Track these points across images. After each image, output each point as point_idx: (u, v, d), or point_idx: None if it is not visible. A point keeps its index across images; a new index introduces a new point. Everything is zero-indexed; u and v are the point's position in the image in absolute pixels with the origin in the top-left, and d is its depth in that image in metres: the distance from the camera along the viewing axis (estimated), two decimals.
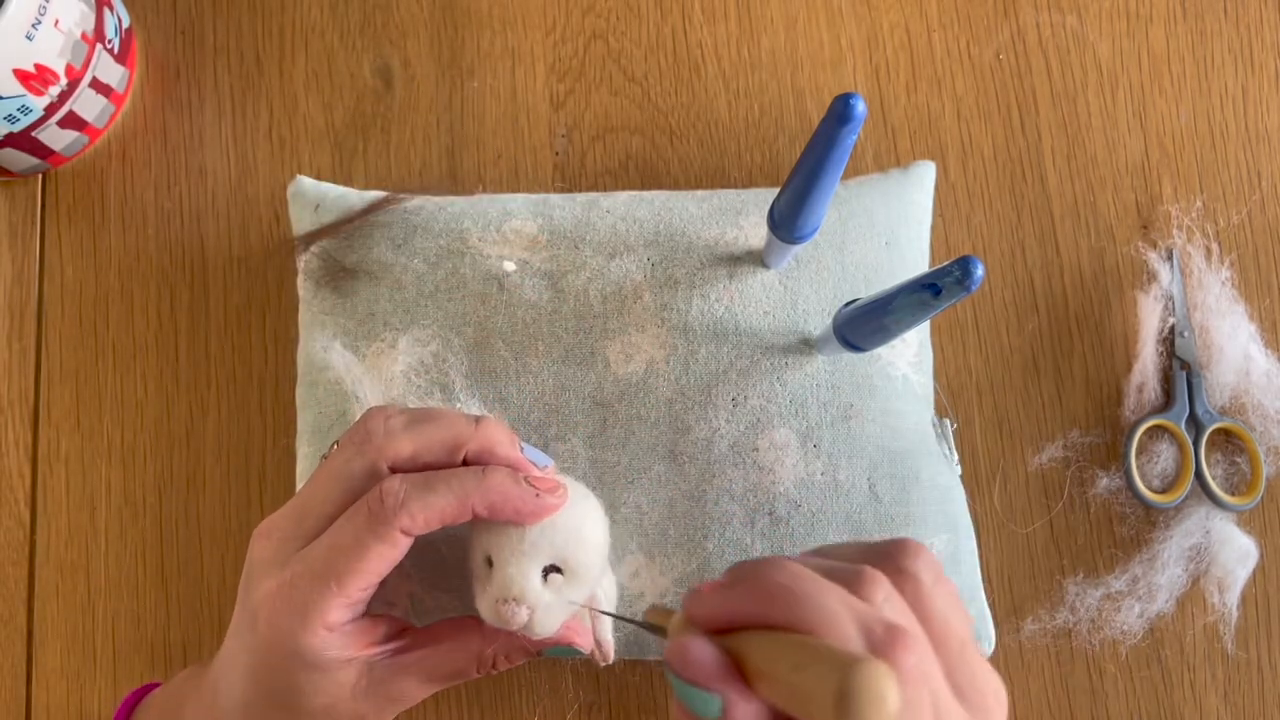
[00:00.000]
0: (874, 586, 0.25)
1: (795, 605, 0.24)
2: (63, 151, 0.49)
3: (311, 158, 0.50)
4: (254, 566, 0.34)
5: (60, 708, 0.45)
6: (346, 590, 0.31)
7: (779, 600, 0.24)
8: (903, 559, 0.26)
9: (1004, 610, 0.46)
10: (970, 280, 0.29)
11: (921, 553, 0.26)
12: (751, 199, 0.44)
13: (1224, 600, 0.45)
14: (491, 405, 0.41)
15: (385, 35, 0.51)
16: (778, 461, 0.40)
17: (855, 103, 0.28)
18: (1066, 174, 0.50)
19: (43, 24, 0.43)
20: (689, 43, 0.51)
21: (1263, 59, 0.51)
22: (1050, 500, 0.47)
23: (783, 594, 0.24)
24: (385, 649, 0.34)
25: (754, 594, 0.25)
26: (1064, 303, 0.48)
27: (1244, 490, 0.47)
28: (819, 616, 0.23)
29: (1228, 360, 0.47)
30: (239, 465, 0.47)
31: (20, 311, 0.49)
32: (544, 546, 0.33)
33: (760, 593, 0.25)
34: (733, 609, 0.25)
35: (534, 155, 0.50)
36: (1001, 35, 0.51)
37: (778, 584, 0.24)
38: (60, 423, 0.48)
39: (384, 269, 0.43)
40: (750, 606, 0.25)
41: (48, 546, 0.47)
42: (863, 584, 0.25)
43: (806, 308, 0.42)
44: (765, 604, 0.24)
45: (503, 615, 0.33)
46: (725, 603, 0.25)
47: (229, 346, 0.48)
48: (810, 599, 0.24)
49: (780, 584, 0.24)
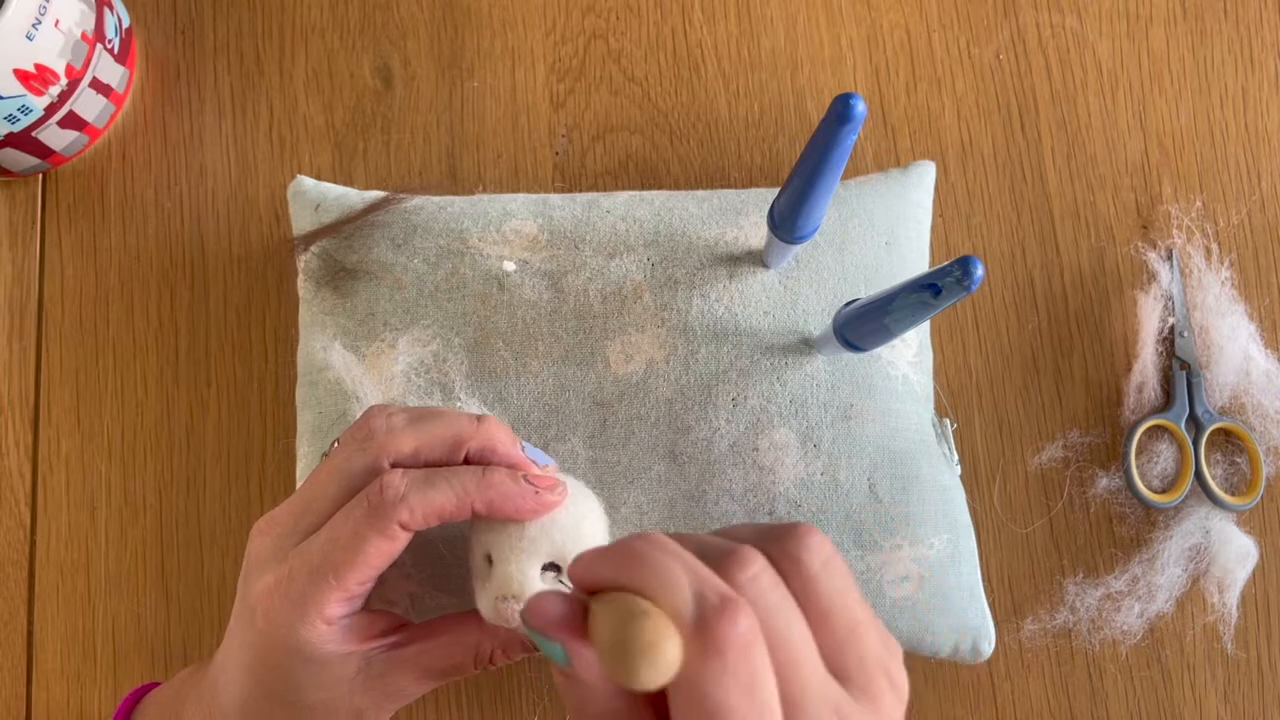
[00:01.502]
0: (741, 564, 0.25)
1: (639, 569, 0.25)
2: (63, 151, 0.49)
3: (311, 158, 0.50)
4: (252, 562, 0.34)
5: (60, 708, 0.45)
6: (345, 584, 0.31)
7: (627, 564, 0.25)
8: (789, 542, 0.26)
9: (1004, 610, 0.46)
10: (970, 280, 0.29)
11: (809, 536, 0.27)
12: (751, 199, 0.44)
13: (1224, 600, 0.45)
14: (491, 405, 0.41)
15: (385, 35, 0.51)
16: (778, 461, 0.40)
17: (855, 103, 0.28)
18: (1066, 174, 0.50)
19: (43, 24, 0.43)
20: (689, 43, 0.51)
21: (1263, 59, 0.51)
22: (1050, 500, 0.47)
23: (634, 559, 0.25)
24: (383, 643, 0.34)
25: (614, 559, 0.26)
26: (1064, 303, 0.48)
27: (1244, 490, 0.47)
28: (656, 581, 0.24)
29: (1228, 360, 0.47)
30: (239, 465, 0.47)
31: (20, 311, 0.49)
32: (543, 544, 0.33)
33: (619, 557, 0.26)
34: (597, 571, 0.26)
35: (534, 155, 0.50)
36: (1001, 35, 0.51)
37: (635, 551, 0.25)
38: (60, 423, 0.48)
39: (384, 269, 0.43)
40: (609, 570, 0.26)
41: (48, 546, 0.47)
42: (730, 561, 0.25)
43: (806, 308, 0.42)
44: (617, 567, 0.25)
45: (502, 613, 0.33)
46: (592, 565, 0.26)
47: (229, 346, 0.48)
48: (654, 565, 0.25)
49: (636, 551, 0.25)
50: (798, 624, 0.25)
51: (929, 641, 0.41)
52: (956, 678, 0.45)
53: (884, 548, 0.40)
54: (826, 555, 0.26)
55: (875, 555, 0.40)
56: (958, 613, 0.41)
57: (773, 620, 0.25)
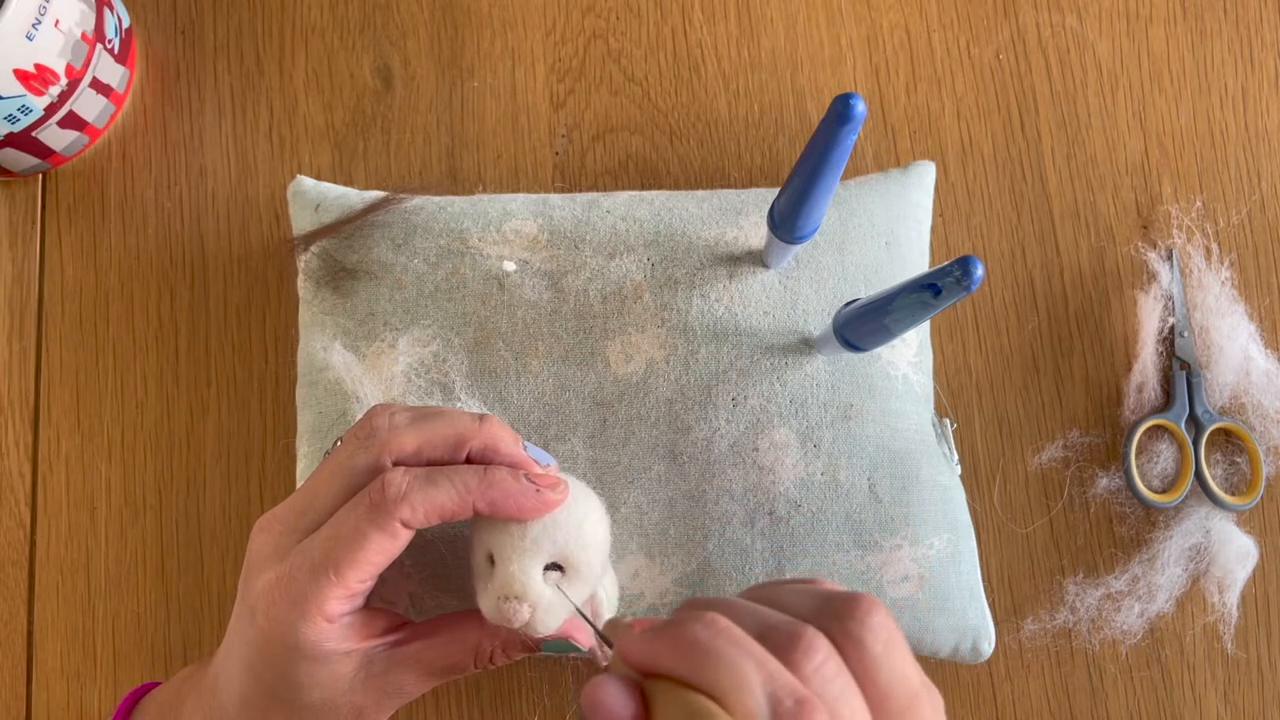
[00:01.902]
0: (807, 654, 0.25)
1: (707, 666, 0.24)
2: (63, 151, 0.49)
3: (311, 158, 0.50)
4: (253, 560, 0.34)
5: (60, 708, 0.45)
6: (345, 581, 0.31)
7: (694, 657, 0.24)
8: (851, 622, 0.26)
9: (1004, 610, 0.46)
10: (970, 280, 0.29)
11: (873, 614, 0.26)
12: (751, 199, 0.44)
13: (1224, 600, 0.45)
14: (492, 405, 0.41)
15: (385, 35, 0.51)
16: (778, 461, 0.40)
17: (855, 103, 0.28)
18: (1066, 174, 0.50)
19: (43, 24, 0.43)
20: (689, 43, 0.51)
21: (1263, 59, 0.51)
22: (1050, 500, 0.47)
23: (699, 652, 0.24)
24: (383, 641, 0.34)
25: (675, 645, 0.25)
26: (1064, 303, 0.48)
27: (1244, 490, 0.47)
28: (728, 682, 0.24)
29: (1227, 360, 0.47)
30: (239, 465, 0.47)
31: (20, 311, 0.49)
32: (545, 544, 0.33)
33: (680, 645, 0.25)
34: (654, 656, 0.25)
35: (534, 155, 0.50)
36: (1001, 35, 0.51)
37: (697, 640, 0.24)
38: (60, 423, 0.48)
39: (384, 269, 0.43)
40: (669, 657, 0.25)
41: (48, 546, 0.47)
42: (795, 649, 0.25)
43: (806, 308, 0.42)
44: (681, 658, 0.24)
45: (504, 613, 0.33)
46: (648, 648, 0.25)
47: (229, 346, 0.48)
48: (723, 663, 0.24)
49: (699, 641, 0.24)
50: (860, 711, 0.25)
51: (929, 641, 0.41)
52: (956, 678, 0.45)
53: (884, 548, 0.40)
54: (888, 635, 0.26)
55: (875, 555, 0.40)
56: (958, 613, 0.41)
57: (838, 710, 0.24)
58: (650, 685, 0.25)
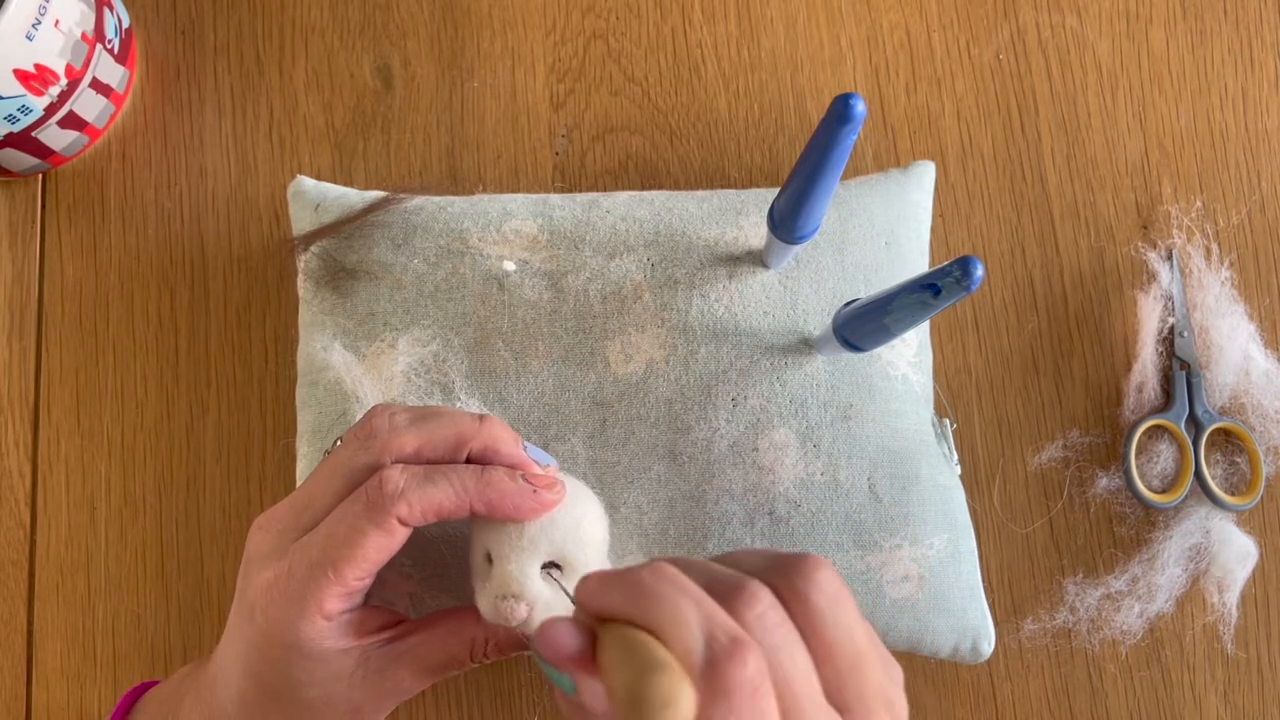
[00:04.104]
0: (748, 601, 0.25)
1: (650, 605, 0.25)
2: (63, 151, 0.49)
3: (311, 158, 0.50)
4: (252, 558, 0.34)
5: (60, 708, 0.45)
6: (344, 578, 0.32)
7: (638, 598, 0.25)
8: (796, 576, 0.27)
9: (1004, 610, 0.46)
10: (970, 280, 0.29)
11: (817, 571, 0.27)
12: (751, 199, 0.44)
13: (1224, 600, 0.45)
14: (491, 405, 0.41)
15: (385, 35, 0.51)
16: (778, 461, 0.40)
17: (855, 103, 0.28)
18: (1066, 174, 0.50)
19: (43, 24, 0.43)
20: (689, 43, 0.51)
21: (1263, 59, 0.51)
22: (1050, 500, 0.47)
23: (643, 593, 0.25)
24: (381, 638, 0.34)
25: (624, 589, 0.26)
26: (1064, 303, 0.48)
27: (1244, 490, 0.47)
28: (667, 619, 0.25)
29: (1227, 360, 0.47)
30: (239, 465, 0.47)
31: (20, 311, 0.49)
32: (543, 543, 0.33)
33: (629, 589, 0.26)
34: (606, 600, 0.26)
35: (534, 155, 0.50)
36: (1001, 35, 0.51)
37: (645, 583, 0.25)
38: (60, 423, 0.48)
39: (384, 269, 0.43)
40: (618, 600, 0.26)
41: (48, 546, 0.47)
42: (739, 596, 0.26)
43: (806, 308, 0.42)
44: (628, 600, 0.26)
45: (502, 612, 0.33)
46: (601, 593, 0.26)
47: (229, 346, 0.48)
48: (665, 602, 0.25)
49: (646, 583, 0.25)
50: (802, 660, 0.25)
51: (929, 641, 0.41)
52: (956, 678, 0.45)
53: (884, 548, 0.40)
54: (833, 590, 0.27)
55: (875, 555, 0.40)
56: (958, 613, 0.41)
57: (778, 657, 0.25)
58: (600, 627, 0.26)
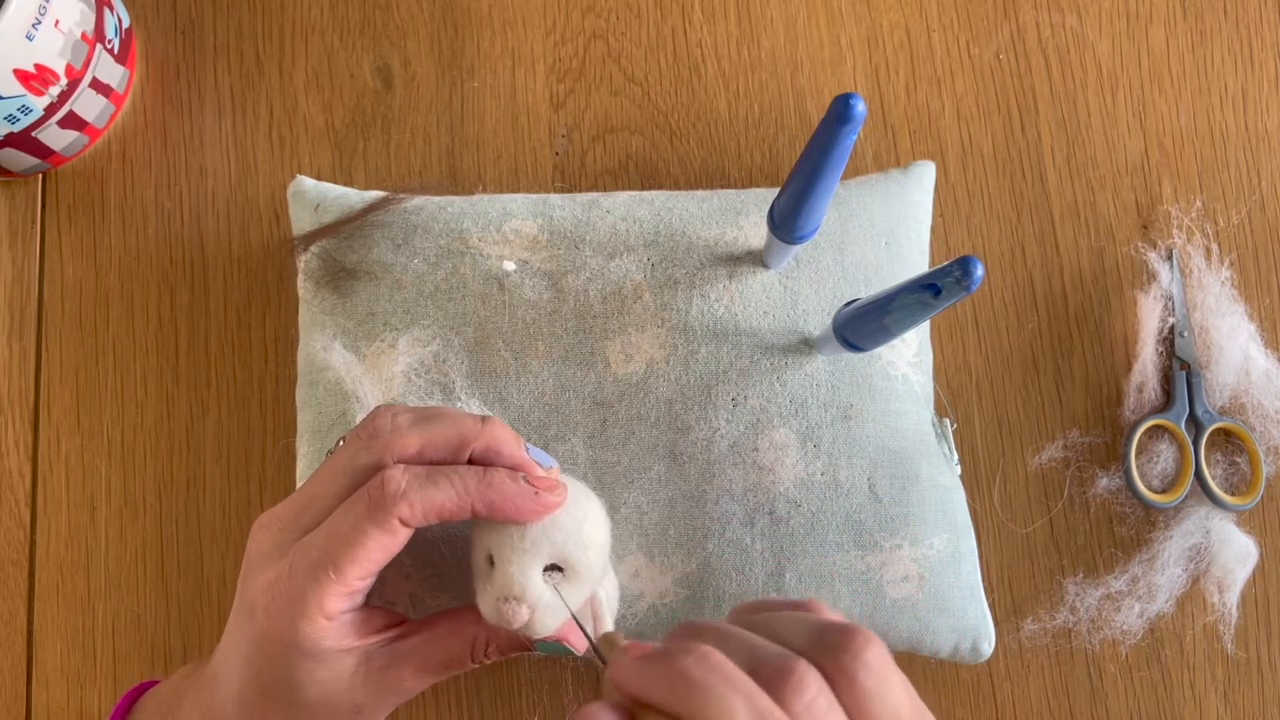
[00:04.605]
0: (798, 690, 0.25)
1: (698, 701, 0.24)
2: (63, 151, 0.49)
3: (311, 158, 0.50)
4: (253, 557, 0.34)
5: (60, 708, 0.45)
6: (345, 578, 0.31)
7: (684, 691, 0.24)
8: (845, 657, 0.26)
9: (1004, 610, 0.46)
10: (970, 280, 0.29)
11: (868, 650, 0.26)
12: (751, 199, 0.44)
13: (1224, 600, 0.45)
14: (492, 405, 0.41)
15: (385, 35, 0.51)
16: (778, 461, 0.40)
17: (855, 103, 0.28)
18: (1066, 174, 0.50)
19: (43, 24, 0.43)
20: (689, 43, 0.51)
21: (1263, 59, 0.51)
22: (1050, 500, 0.47)
23: (689, 686, 0.24)
24: (382, 638, 0.34)
25: (666, 677, 0.25)
26: (1064, 303, 0.48)
27: (1244, 490, 0.47)
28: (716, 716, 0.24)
29: (1227, 360, 0.47)
30: (239, 465, 0.47)
31: (20, 311, 0.49)
32: (545, 546, 0.33)
33: (672, 678, 0.25)
34: (646, 686, 0.25)
35: (534, 155, 0.50)
36: (1001, 35, 0.51)
37: (689, 674, 0.24)
38: (60, 423, 0.48)
39: (384, 269, 0.43)
40: (660, 689, 0.25)
41: (48, 546, 0.47)
42: (787, 685, 0.25)
43: (806, 308, 0.42)
44: (672, 691, 0.25)
45: (503, 613, 0.33)
46: (640, 677, 0.25)
47: (229, 346, 0.48)
48: (713, 698, 0.24)
49: (690, 675, 0.24)
50: None
51: (929, 641, 0.41)
52: (956, 678, 0.45)
53: (884, 548, 0.40)
54: (881, 670, 0.26)
55: (875, 555, 0.40)
56: (958, 613, 0.41)
57: None
58: (641, 715, 0.25)
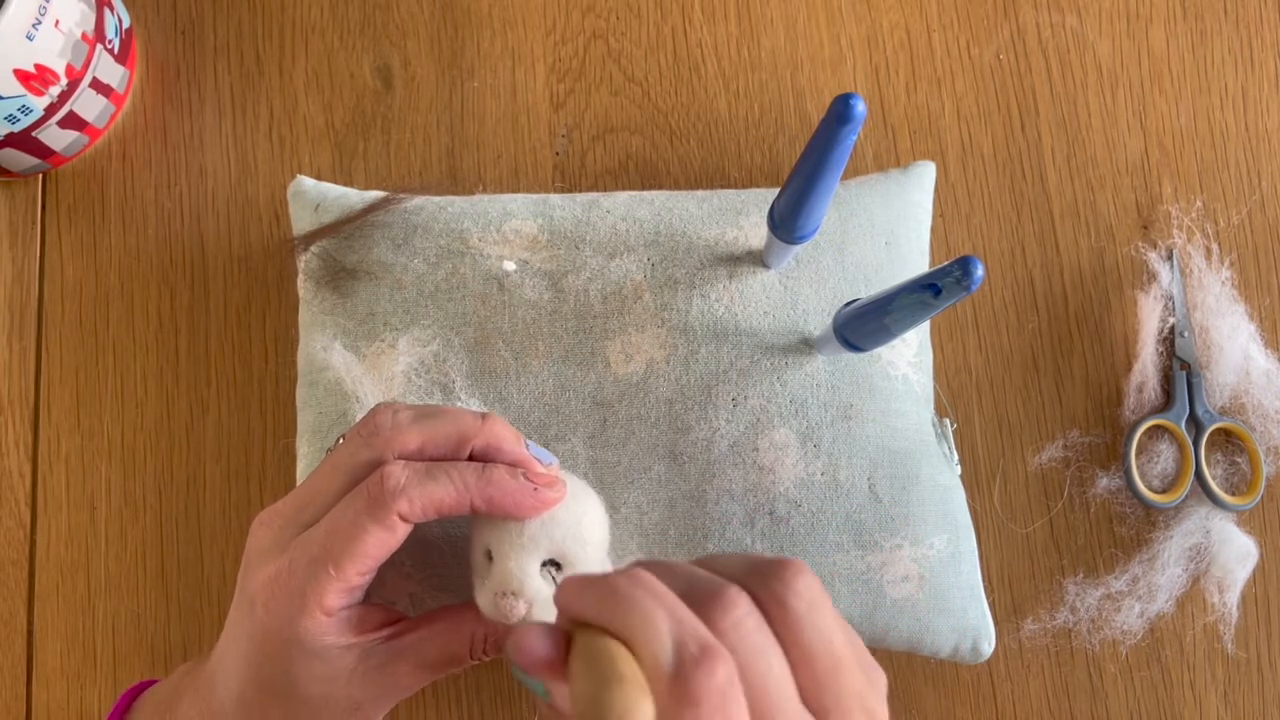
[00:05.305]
0: (725, 608, 0.25)
1: (622, 612, 0.25)
2: (63, 151, 0.49)
3: (311, 158, 0.50)
4: (253, 554, 0.34)
5: (60, 708, 0.45)
6: (344, 574, 0.32)
7: (611, 604, 0.25)
8: (776, 582, 0.26)
9: (1004, 610, 0.46)
10: (970, 280, 0.29)
11: (797, 579, 0.26)
12: (751, 199, 0.44)
13: (1224, 600, 0.45)
14: (492, 405, 0.41)
15: (385, 35, 0.51)
16: (778, 461, 0.40)
17: (855, 103, 0.28)
18: (1066, 174, 0.50)
19: (43, 24, 0.43)
20: (689, 43, 0.51)
21: (1263, 59, 0.51)
22: (1050, 500, 0.47)
23: (618, 599, 0.25)
24: (381, 635, 0.34)
25: (600, 595, 0.25)
26: (1064, 303, 0.48)
27: (1244, 490, 0.47)
28: (638, 627, 0.24)
29: (1228, 360, 0.47)
30: (239, 465, 0.47)
31: (20, 311, 0.49)
32: (543, 541, 0.33)
33: (604, 594, 0.25)
34: (582, 605, 0.26)
35: (534, 155, 0.50)
36: (1001, 35, 0.51)
37: (619, 589, 0.25)
38: (60, 423, 0.48)
39: (384, 269, 0.43)
40: (592, 605, 0.25)
41: (48, 546, 0.47)
42: (715, 603, 0.25)
43: (806, 308, 0.42)
44: (603, 606, 0.25)
45: (501, 609, 0.33)
46: (576, 596, 0.26)
47: (229, 346, 0.48)
48: (636, 610, 0.24)
49: (621, 589, 0.25)
50: (778, 666, 0.25)
51: (929, 641, 0.41)
52: (956, 678, 0.45)
53: (884, 548, 0.40)
54: (812, 596, 0.26)
55: (875, 555, 0.40)
56: (958, 613, 0.41)
57: (753, 664, 0.25)
58: (575, 631, 0.26)
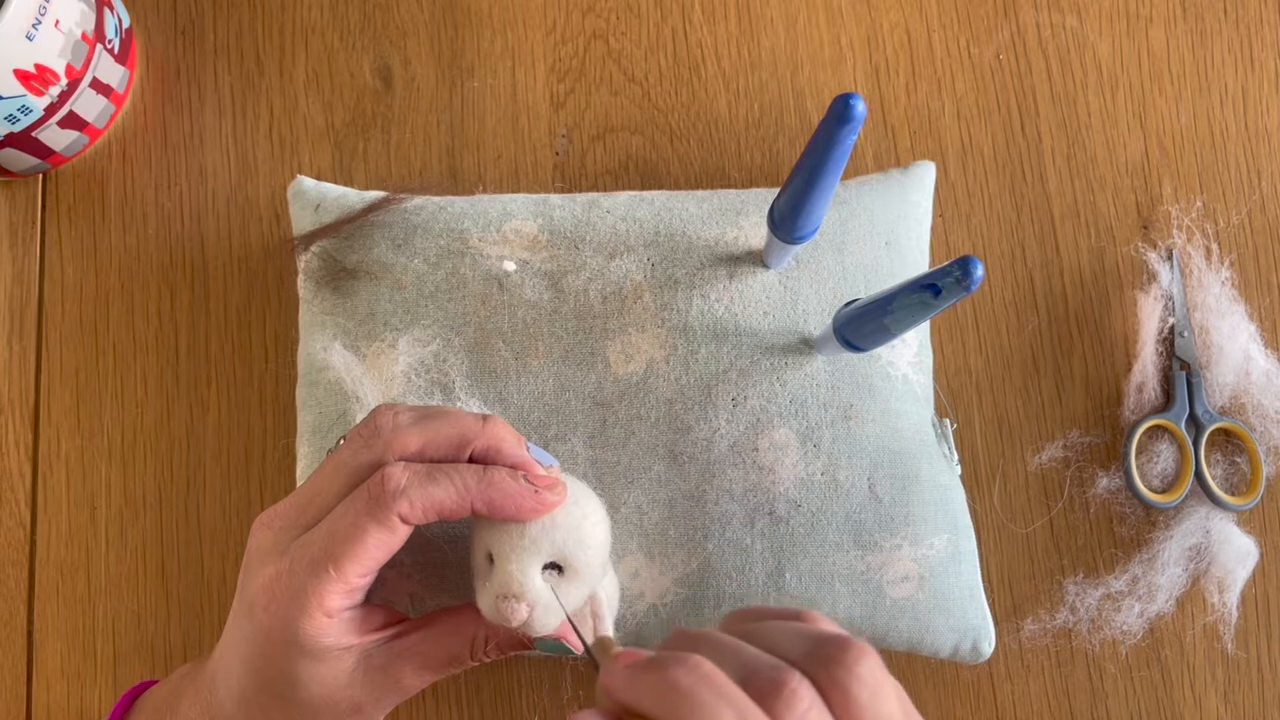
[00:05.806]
0: (790, 703, 0.25)
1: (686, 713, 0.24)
2: (63, 151, 0.49)
3: (311, 158, 0.50)
4: (253, 555, 0.34)
5: (60, 708, 0.45)
6: (345, 575, 0.31)
7: (674, 702, 0.24)
8: (839, 669, 0.26)
9: (1004, 610, 0.46)
10: (970, 280, 0.29)
11: (861, 662, 0.26)
12: (751, 199, 0.44)
13: (1224, 600, 0.45)
14: (492, 405, 0.41)
15: (385, 35, 0.51)
16: (778, 461, 0.40)
17: (855, 103, 0.28)
18: (1066, 174, 0.50)
19: (43, 24, 0.43)
20: (689, 43, 0.51)
21: (1263, 59, 0.51)
22: (1050, 500, 0.47)
23: (679, 697, 0.24)
24: (382, 636, 0.34)
25: (656, 687, 0.25)
26: (1064, 303, 0.48)
27: (1244, 490, 0.47)
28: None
29: (1227, 360, 0.47)
30: (239, 465, 0.47)
31: (20, 311, 0.49)
32: (544, 544, 0.33)
33: (662, 688, 0.25)
34: (636, 695, 0.25)
35: (534, 155, 0.50)
36: (1001, 35, 0.51)
37: (678, 684, 0.24)
38: (60, 423, 0.48)
39: (384, 269, 0.43)
40: (650, 699, 0.25)
41: (48, 546, 0.47)
42: (779, 697, 0.25)
43: (806, 308, 0.42)
44: (662, 701, 0.25)
45: (503, 611, 0.33)
46: (630, 686, 0.25)
47: (229, 346, 0.48)
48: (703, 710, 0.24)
49: (680, 685, 0.24)
50: None
51: (929, 641, 0.41)
52: (956, 678, 0.45)
53: (884, 548, 0.40)
54: (875, 682, 0.26)
55: (875, 555, 0.40)
56: (958, 613, 0.41)
57: None
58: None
